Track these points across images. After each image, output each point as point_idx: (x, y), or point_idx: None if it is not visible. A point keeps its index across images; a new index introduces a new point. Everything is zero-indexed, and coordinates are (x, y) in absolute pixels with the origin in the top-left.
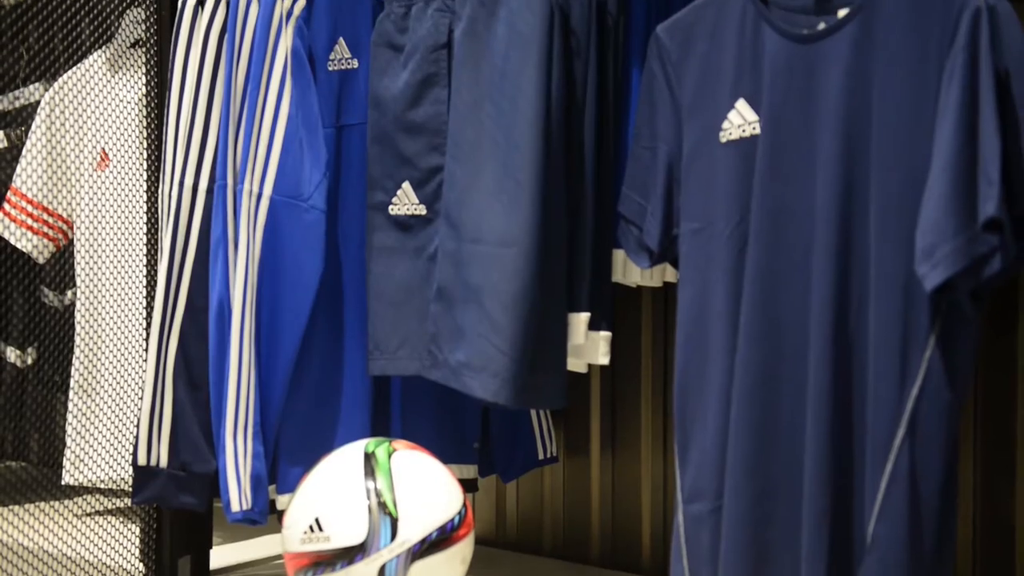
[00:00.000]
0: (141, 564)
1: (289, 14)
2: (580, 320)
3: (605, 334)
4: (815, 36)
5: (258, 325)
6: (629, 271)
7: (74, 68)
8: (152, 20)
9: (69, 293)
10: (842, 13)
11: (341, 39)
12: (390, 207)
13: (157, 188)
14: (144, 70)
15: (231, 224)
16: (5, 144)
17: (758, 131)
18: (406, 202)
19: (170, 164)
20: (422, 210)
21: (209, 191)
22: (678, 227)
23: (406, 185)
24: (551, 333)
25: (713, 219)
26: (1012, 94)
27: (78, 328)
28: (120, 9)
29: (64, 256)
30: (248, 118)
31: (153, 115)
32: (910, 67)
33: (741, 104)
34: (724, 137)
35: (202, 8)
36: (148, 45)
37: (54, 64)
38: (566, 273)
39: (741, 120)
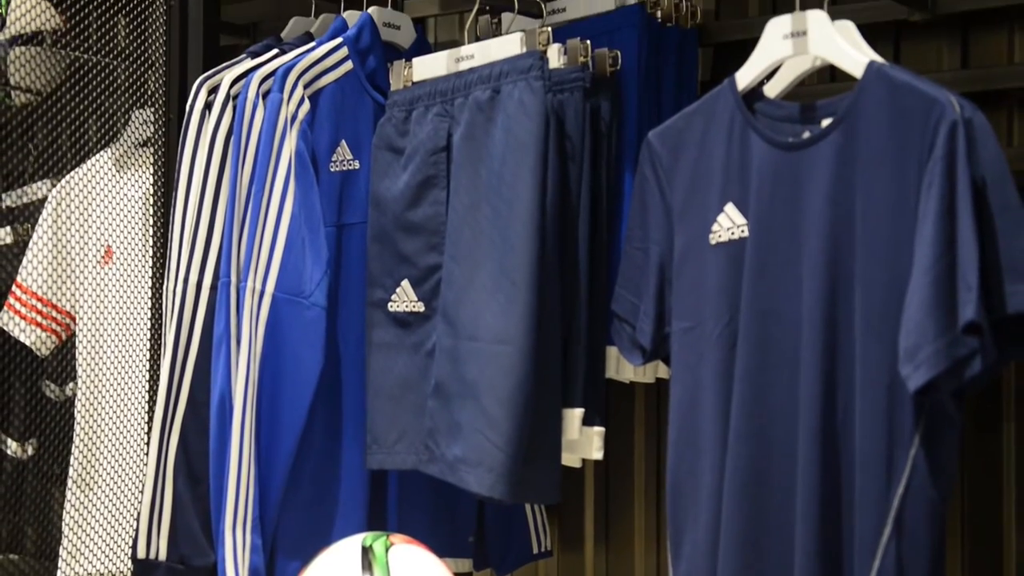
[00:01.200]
0: None
1: (294, 118)
2: (574, 416)
3: (599, 429)
4: (800, 144)
5: (258, 419)
6: (622, 368)
7: (81, 166)
8: (161, 121)
9: (70, 386)
10: (825, 123)
11: (343, 141)
12: (389, 304)
13: (162, 284)
14: (149, 169)
15: (234, 321)
16: (11, 240)
17: (746, 234)
18: (405, 299)
19: (175, 261)
20: (420, 307)
21: (213, 288)
22: (670, 326)
23: (405, 283)
24: (546, 429)
25: (703, 319)
26: (989, 202)
27: (78, 421)
28: (127, 110)
29: (66, 349)
30: (252, 217)
31: (159, 213)
32: (891, 175)
33: (730, 208)
34: (714, 239)
35: (209, 111)
36: (156, 145)
37: (61, 162)
38: (561, 370)
39: (730, 223)
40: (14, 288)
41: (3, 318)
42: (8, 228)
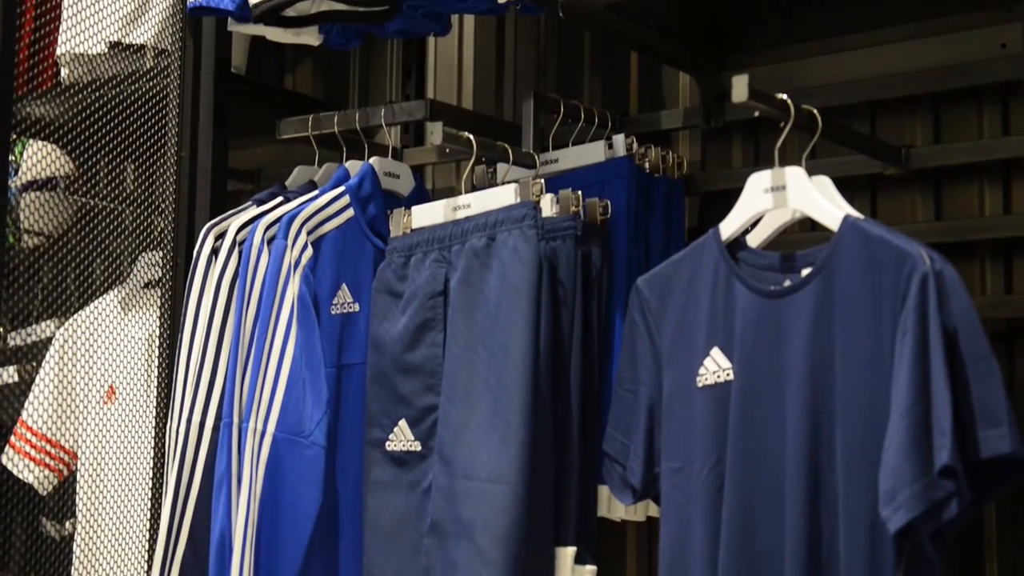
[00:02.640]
0: None
1: (297, 263)
2: (567, 554)
3: (591, 568)
4: (781, 292)
5: (257, 557)
6: (614, 507)
7: (87, 307)
8: (168, 265)
9: (68, 524)
10: (805, 272)
11: (344, 285)
12: (387, 443)
13: (165, 423)
14: (154, 310)
15: (235, 460)
16: (16, 379)
17: (732, 377)
18: (402, 439)
19: (179, 401)
20: (417, 447)
21: (215, 428)
22: (659, 466)
23: (402, 423)
24: (539, 567)
25: (692, 459)
26: (960, 350)
27: (76, 556)
28: (134, 252)
29: (65, 487)
30: (255, 359)
31: (165, 353)
32: (867, 323)
33: (716, 352)
34: (701, 382)
35: (216, 257)
36: (163, 288)
37: (67, 302)
38: (554, 508)
39: (716, 367)
40: (17, 427)
41: (6, 457)
42: (13, 367)
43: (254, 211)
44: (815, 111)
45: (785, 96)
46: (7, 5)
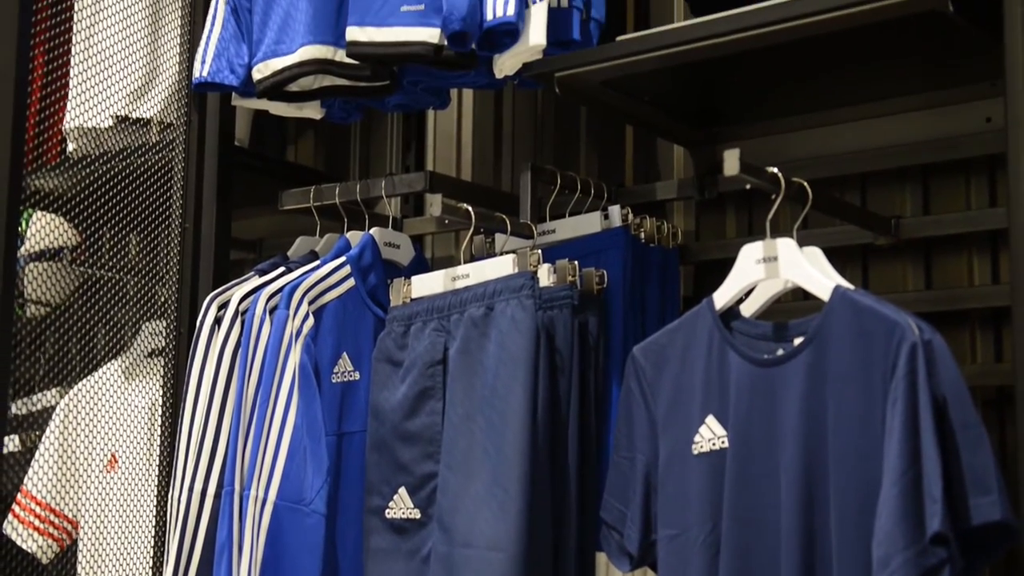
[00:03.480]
0: None
1: (298, 333)
2: None
3: None
4: (774, 361)
5: None
6: (611, 574)
7: (90, 376)
8: (172, 335)
9: None
10: (797, 341)
11: (345, 354)
12: (386, 511)
13: (167, 491)
14: (157, 378)
15: (236, 528)
16: (19, 448)
17: (727, 445)
18: (402, 506)
19: (181, 469)
20: (416, 514)
21: (217, 496)
22: (656, 533)
23: (402, 490)
24: None
25: (688, 526)
26: (950, 419)
27: None
28: (137, 322)
29: (67, 556)
30: (257, 428)
31: (167, 422)
32: (858, 391)
33: (711, 420)
34: (696, 450)
35: (219, 326)
36: (167, 357)
37: (70, 372)
38: None
39: (711, 434)
40: (19, 496)
41: (8, 526)
42: (16, 436)
43: (257, 281)
44: (805, 184)
45: (776, 169)
46: (20, 79)
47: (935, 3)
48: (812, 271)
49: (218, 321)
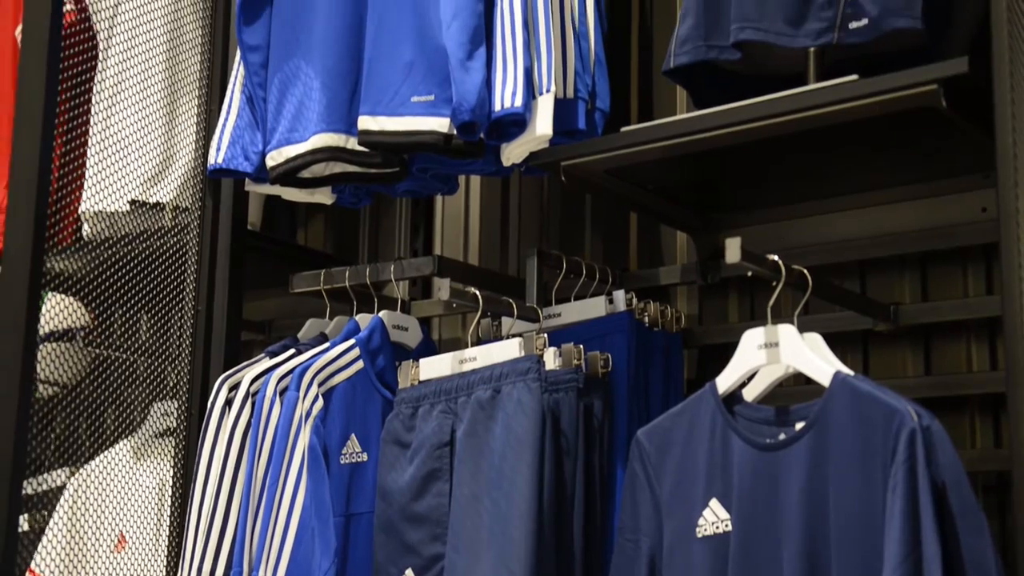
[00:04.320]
0: None
1: (308, 414)
2: None
3: None
4: (776, 445)
5: None
6: None
7: (99, 455)
8: (183, 415)
9: None
10: (799, 426)
11: (353, 435)
12: None
13: (175, 573)
14: (166, 459)
15: None
16: (27, 528)
17: (730, 528)
18: None
19: (190, 551)
20: None
21: None
22: None
23: (409, 572)
24: None
25: None
26: (949, 504)
27: None
28: (147, 402)
29: None
30: (266, 509)
31: (177, 503)
32: (859, 476)
33: (714, 503)
34: (700, 532)
35: (230, 408)
36: (177, 437)
37: (80, 451)
38: None
39: (715, 518)
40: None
41: None
42: (25, 516)
43: (267, 363)
44: (805, 271)
45: (776, 257)
46: (43, 168)
47: (928, 100)
48: (812, 357)
49: (229, 402)
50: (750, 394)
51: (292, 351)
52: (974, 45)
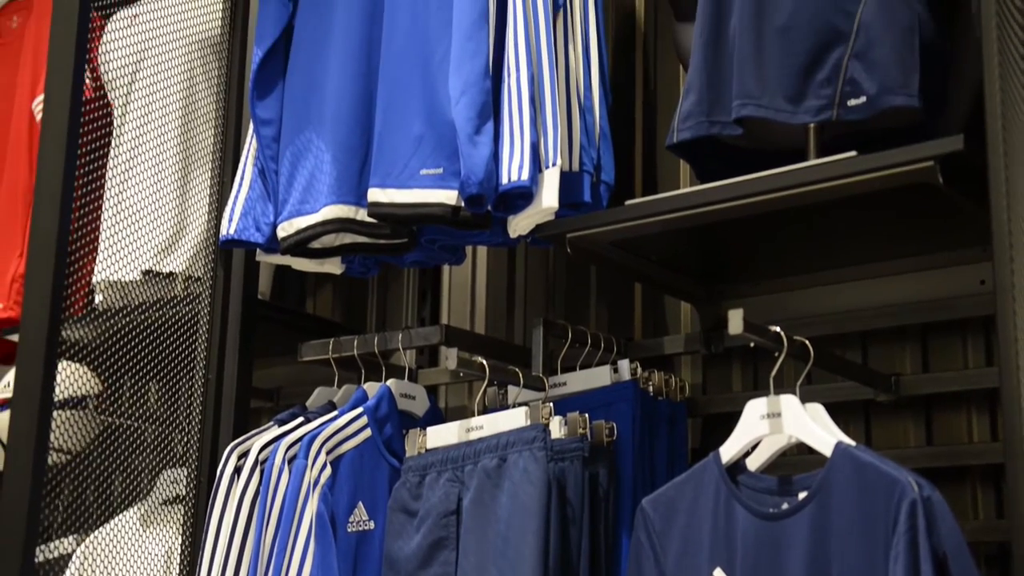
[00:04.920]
0: None
1: (316, 482)
2: None
3: None
4: (779, 515)
5: None
6: None
7: (107, 523)
8: (192, 483)
9: None
10: (802, 496)
11: (360, 503)
12: None
13: None
14: (174, 526)
15: None
16: None
17: None
18: None
19: None
20: None
21: None
22: None
23: None
24: None
25: None
26: (950, 574)
27: None
28: (155, 469)
29: None
30: None
31: (184, 570)
32: (861, 546)
33: (718, 572)
34: None
35: (239, 475)
36: (186, 505)
37: (88, 519)
38: None
39: None
40: None
41: None
42: None
43: (276, 431)
44: (807, 342)
45: (778, 328)
46: (61, 241)
47: (925, 176)
48: (814, 427)
49: (238, 470)
50: (753, 463)
51: (301, 419)
52: (971, 121)
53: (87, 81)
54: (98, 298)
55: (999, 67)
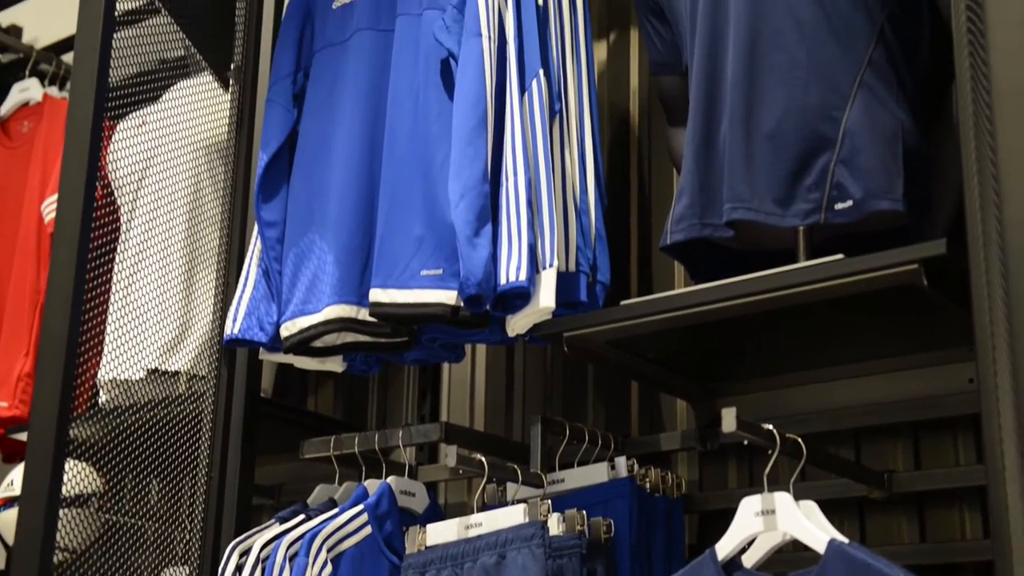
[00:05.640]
0: None
1: None
2: None
3: None
4: None
5: None
6: None
7: None
8: None
9: None
10: None
11: None
12: None
13: None
14: None
15: None
16: None
17: None
18: None
19: None
20: None
21: None
22: None
23: None
24: None
25: None
26: None
27: None
28: (156, 567)
29: None
30: None
31: None
32: None
33: None
34: None
35: (240, 574)
36: None
37: None
38: None
39: None
40: None
41: None
42: None
43: (277, 528)
44: (800, 440)
45: (771, 426)
46: (71, 343)
47: (910, 278)
48: (808, 525)
49: (239, 568)
50: (749, 560)
51: (302, 516)
52: (955, 224)
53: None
54: (103, 397)
55: (978, 174)
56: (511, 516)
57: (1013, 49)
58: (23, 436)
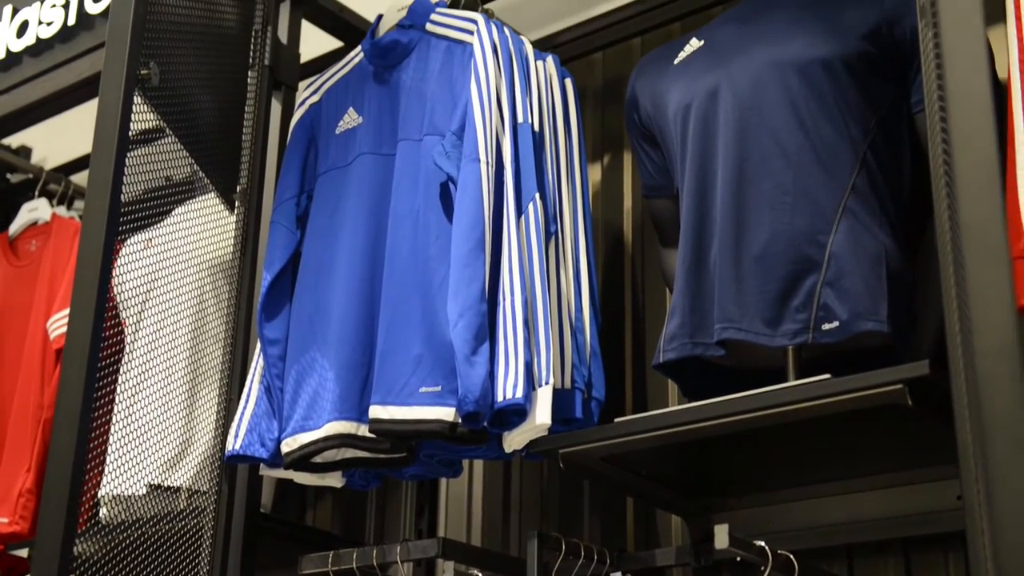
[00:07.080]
0: None
1: None
2: None
3: None
4: None
5: None
6: None
7: None
8: None
9: None
10: None
11: None
12: None
13: None
14: None
15: None
16: None
17: None
18: None
19: None
20: None
21: None
22: None
23: None
24: None
25: None
26: None
27: None
28: None
29: None
30: None
31: None
32: None
33: None
34: None
35: None
36: None
37: None
38: None
39: None
40: None
41: None
42: None
43: None
44: (791, 556)
45: (763, 543)
46: (78, 462)
47: (895, 398)
48: None
49: None
50: None
51: None
52: (939, 344)
53: None
54: (103, 512)
55: (956, 298)
56: None
57: (974, 190)
58: (23, 552)
